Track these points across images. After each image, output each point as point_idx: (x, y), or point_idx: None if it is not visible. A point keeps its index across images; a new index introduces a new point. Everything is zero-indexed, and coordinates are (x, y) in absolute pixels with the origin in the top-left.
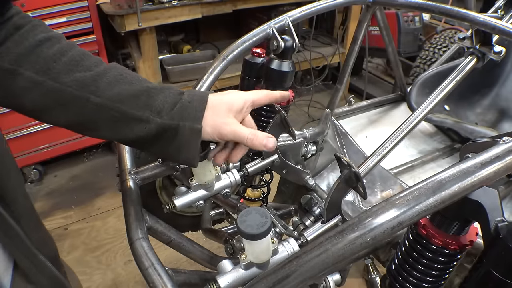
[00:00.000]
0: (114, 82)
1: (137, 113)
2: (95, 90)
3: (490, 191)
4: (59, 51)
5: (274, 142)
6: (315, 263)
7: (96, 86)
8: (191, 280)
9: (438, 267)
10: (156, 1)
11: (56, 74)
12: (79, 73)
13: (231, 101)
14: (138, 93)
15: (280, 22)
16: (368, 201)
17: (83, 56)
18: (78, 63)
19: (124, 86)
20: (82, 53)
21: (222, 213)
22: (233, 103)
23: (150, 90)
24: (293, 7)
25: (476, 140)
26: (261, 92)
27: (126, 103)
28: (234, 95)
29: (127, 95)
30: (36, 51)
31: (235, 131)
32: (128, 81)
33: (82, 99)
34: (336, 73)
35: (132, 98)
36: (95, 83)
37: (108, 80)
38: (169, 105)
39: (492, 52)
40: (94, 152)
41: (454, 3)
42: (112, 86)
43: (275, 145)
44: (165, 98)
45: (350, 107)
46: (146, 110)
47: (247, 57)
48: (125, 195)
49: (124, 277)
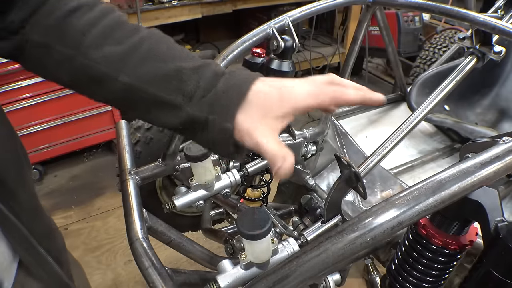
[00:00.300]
0: (144, 59)
1: (167, 97)
2: (123, 67)
3: (490, 191)
4: (89, 21)
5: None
6: (315, 263)
7: (124, 63)
8: (191, 280)
9: (438, 267)
10: (156, 1)
11: (85, 49)
12: (109, 46)
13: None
14: (168, 73)
15: (280, 22)
16: (368, 201)
17: (115, 25)
18: (109, 36)
19: (155, 64)
20: (115, 21)
21: (222, 213)
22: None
23: (182, 71)
24: (293, 7)
25: (476, 140)
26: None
27: (155, 85)
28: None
29: (156, 76)
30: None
31: (257, 144)
32: (160, 57)
33: (111, 77)
34: (336, 73)
35: (162, 79)
36: (123, 60)
37: (138, 56)
38: (201, 91)
39: (492, 52)
40: (94, 152)
41: (454, 3)
42: (142, 64)
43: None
44: (198, 81)
45: (350, 107)
46: (179, 94)
47: (247, 57)
48: (125, 195)
49: (124, 277)
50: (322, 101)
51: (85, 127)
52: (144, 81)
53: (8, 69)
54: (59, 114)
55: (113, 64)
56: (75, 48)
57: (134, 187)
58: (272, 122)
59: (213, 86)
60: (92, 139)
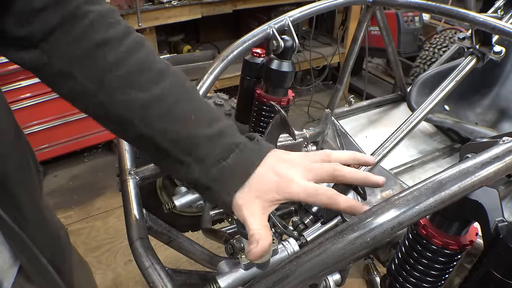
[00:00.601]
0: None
1: (179, 156)
2: (143, 118)
3: (490, 191)
4: (117, 59)
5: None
6: (315, 263)
7: (144, 113)
8: (191, 280)
9: (438, 267)
10: (156, 1)
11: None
12: (133, 90)
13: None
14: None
15: (280, 22)
16: (368, 201)
17: (142, 66)
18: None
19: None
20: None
21: (222, 213)
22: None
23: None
24: (293, 7)
25: (476, 140)
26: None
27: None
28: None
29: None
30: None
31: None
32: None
33: (129, 122)
34: (336, 73)
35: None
36: (144, 109)
37: (159, 111)
38: (211, 161)
39: (492, 52)
40: (94, 152)
41: (454, 3)
42: (160, 120)
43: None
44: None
45: (350, 107)
46: (189, 156)
47: (247, 57)
48: (125, 195)
49: (124, 277)
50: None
51: (85, 127)
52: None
53: (8, 69)
54: (59, 114)
55: (134, 111)
56: (99, 85)
57: (134, 187)
58: (263, 204)
59: (223, 160)
60: (92, 139)
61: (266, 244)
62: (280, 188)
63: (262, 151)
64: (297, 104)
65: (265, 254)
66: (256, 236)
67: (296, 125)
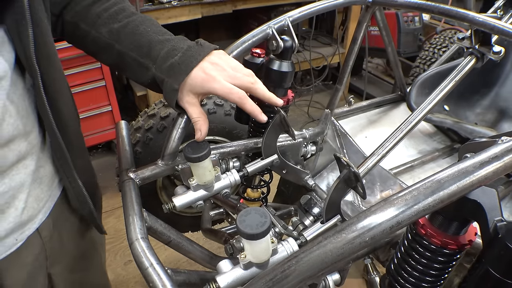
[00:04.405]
0: (132, 33)
1: (141, 60)
2: (118, 39)
3: (489, 191)
4: (103, 9)
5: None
6: (314, 263)
7: (119, 36)
8: (191, 280)
9: (437, 267)
10: (156, 1)
11: (98, 26)
12: (113, 24)
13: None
14: (143, 43)
15: (280, 22)
16: (368, 201)
17: (120, 11)
18: (114, 18)
19: (137, 37)
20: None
21: (222, 213)
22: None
23: (152, 42)
24: (293, 7)
25: (475, 140)
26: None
27: (135, 51)
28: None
29: (136, 44)
30: (88, 9)
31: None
32: (140, 32)
33: (111, 45)
34: (336, 73)
35: (139, 47)
36: (119, 33)
37: (128, 31)
38: (161, 59)
39: (491, 52)
40: (94, 152)
41: (454, 3)
42: (130, 36)
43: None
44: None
45: (350, 107)
46: (147, 58)
47: (246, 58)
48: (125, 195)
49: (124, 277)
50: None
51: (85, 127)
52: (129, 48)
53: None
54: None
55: (112, 36)
56: (92, 26)
57: (134, 187)
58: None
59: (171, 57)
60: (92, 139)
61: (206, 128)
62: (205, 83)
63: (204, 51)
64: (297, 104)
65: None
66: (198, 124)
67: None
